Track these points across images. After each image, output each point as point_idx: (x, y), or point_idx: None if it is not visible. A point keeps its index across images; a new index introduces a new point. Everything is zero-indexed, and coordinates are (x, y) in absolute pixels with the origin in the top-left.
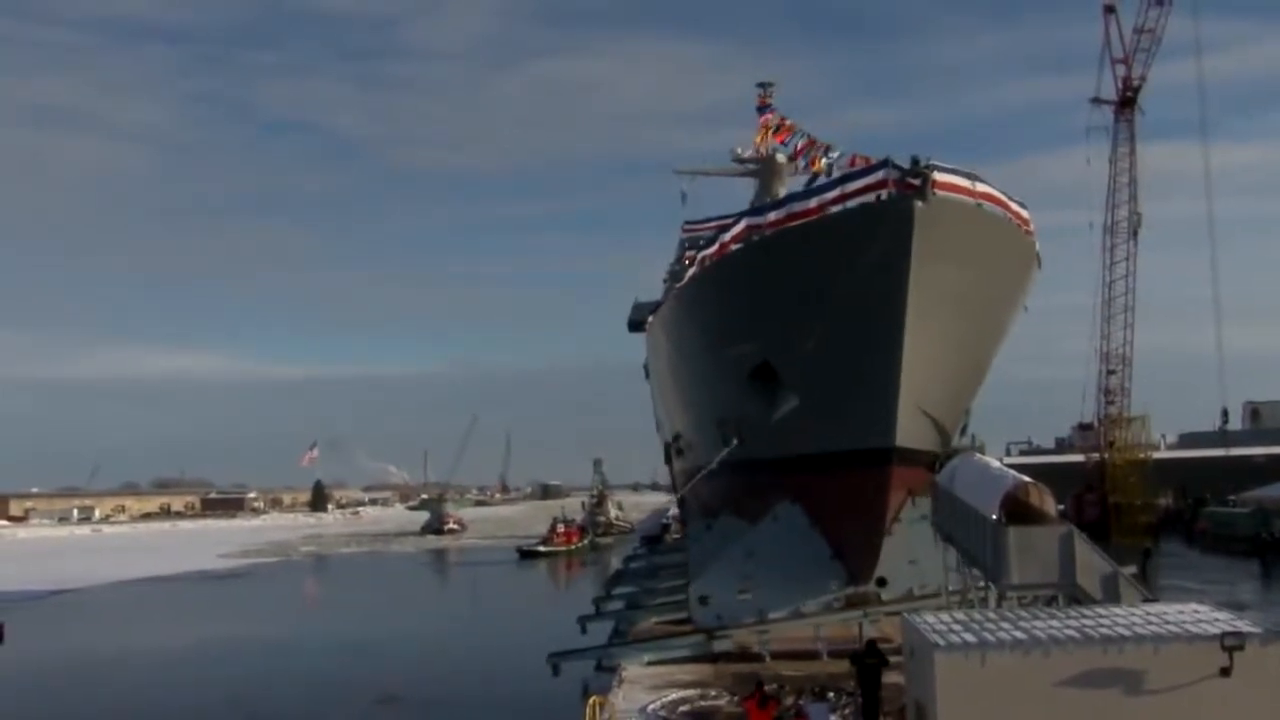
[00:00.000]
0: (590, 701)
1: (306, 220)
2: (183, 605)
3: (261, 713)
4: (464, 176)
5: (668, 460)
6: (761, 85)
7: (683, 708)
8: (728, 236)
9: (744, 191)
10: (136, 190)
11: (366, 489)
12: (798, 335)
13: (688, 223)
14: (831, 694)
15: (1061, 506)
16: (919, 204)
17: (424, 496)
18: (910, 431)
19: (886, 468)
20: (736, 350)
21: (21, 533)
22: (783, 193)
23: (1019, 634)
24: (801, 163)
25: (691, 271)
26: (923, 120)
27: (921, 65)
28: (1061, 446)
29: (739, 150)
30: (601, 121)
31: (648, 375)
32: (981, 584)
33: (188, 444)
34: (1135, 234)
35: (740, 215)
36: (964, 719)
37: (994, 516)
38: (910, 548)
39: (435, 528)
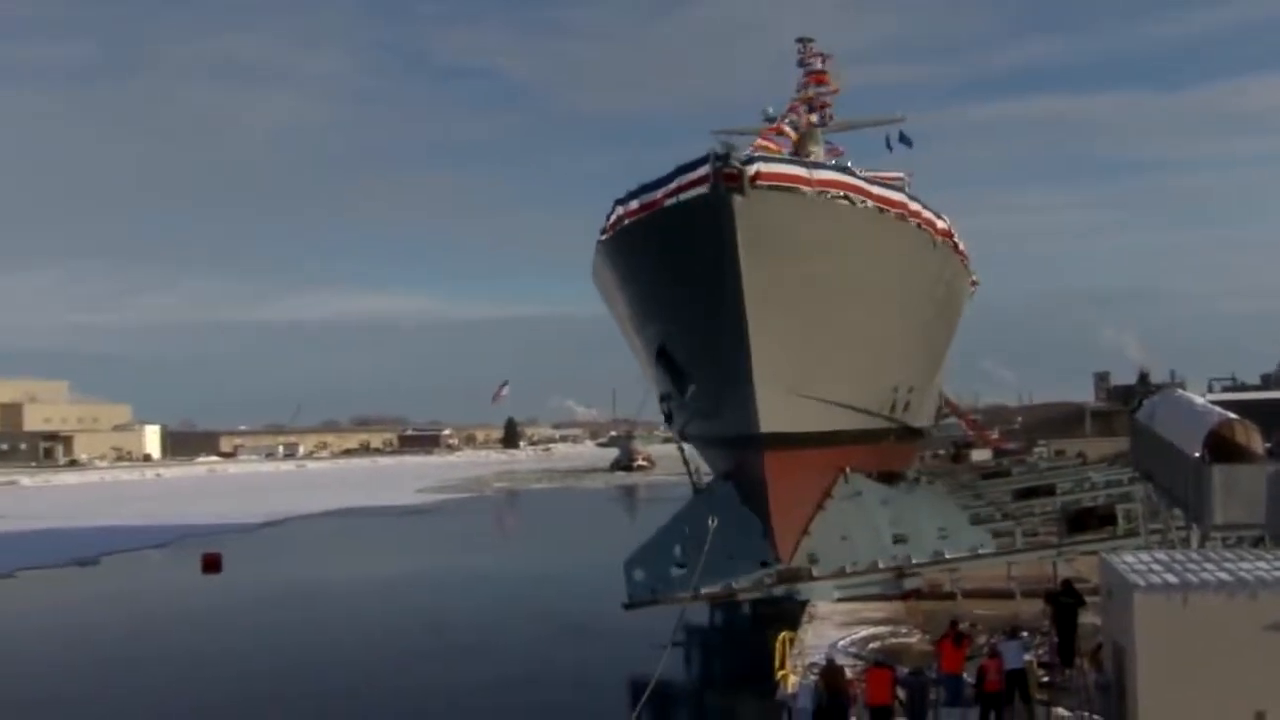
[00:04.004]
0: (780, 637)
1: (487, 164)
2: (383, 537)
3: (460, 641)
4: (631, 118)
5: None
6: (801, 41)
7: (872, 644)
8: (608, 221)
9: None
10: (323, 140)
11: (556, 426)
12: (668, 324)
13: None
14: (1025, 633)
15: (1269, 444)
16: (738, 198)
17: (613, 433)
18: (795, 416)
19: (759, 452)
20: (648, 331)
21: (232, 468)
22: (817, 152)
23: (1224, 575)
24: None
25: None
26: (1100, 49)
27: None
28: (1269, 382)
29: (769, 109)
30: (764, 60)
31: None
32: (1182, 524)
33: (385, 383)
34: None
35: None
36: (1164, 662)
37: (1197, 454)
38: (841, 524)
39: (624, 464)
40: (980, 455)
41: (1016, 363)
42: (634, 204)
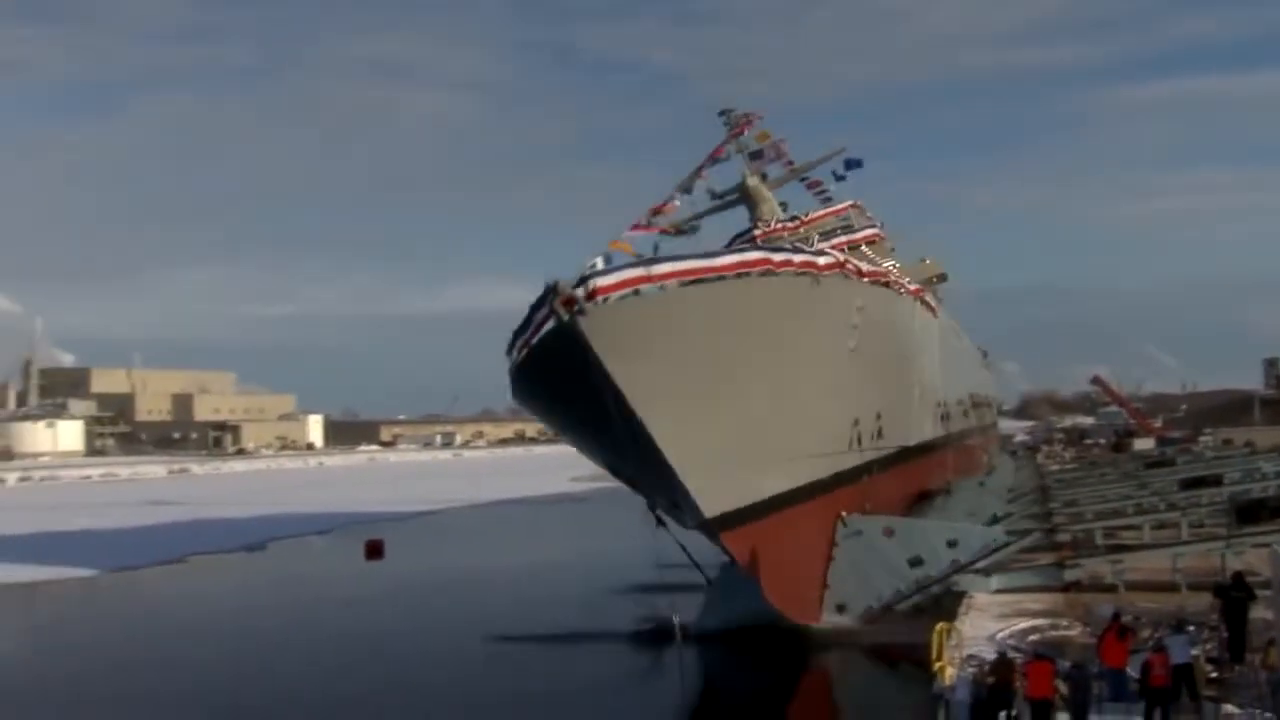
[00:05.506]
0: (938, 628)
1: (637, 154)
2: (539, 525)
3: (613, 628)
4: (781, 107)
5: None
6: (724, 113)
7: (1032, 637)
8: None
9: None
10: (475, 134)
11: None
12: (594, 449)
13: None
14: (1192, 627)
15: None
16: (582, 319)
17: None
18: (738, 491)
19: (717, 536)
20: (586, 452)
21: (392, 457)
22: (769, 207)
23: None
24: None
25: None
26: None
27: None
28: None
29: (714, 187)
30: (915, 45)
31: None
32: None
33: None
34: None
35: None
36: None
37: None
38: (854, 565)
39: None
40: (1143, 444)
41: (1179, 349)
42: (516, 351)
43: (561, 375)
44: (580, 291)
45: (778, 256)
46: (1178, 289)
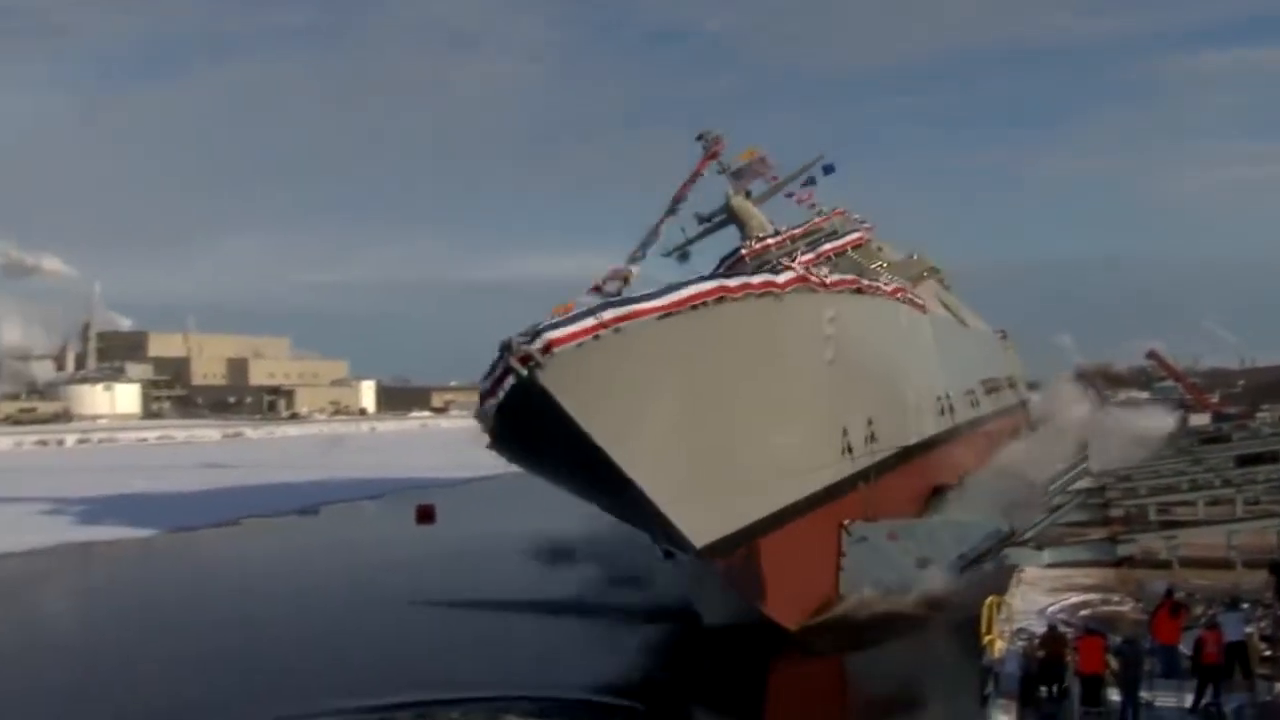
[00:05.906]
0: (988, 601)
1: (689, 126)
2: None
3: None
4: (835, 75)
5: None
6: (701, 137)
7: (1083, 612)
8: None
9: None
10: (531, 103)
11: None
12: (581, 495)
13: None
14: (1246, 605)
15: None
16: (539, 372)
17: None
18: (725, 518)
19: (713, 563)
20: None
21: (444, 423)
22: (757, 222)
23: None
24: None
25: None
26: None
27: None
28: None
29: (701, 212)
30: (975, 9)
31: None
32: None
33: None
34: None
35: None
36: None
37: None
38: (862, 572)
39: None
40: (1199, 419)
41: (1238, 324)
42: (484, 409)
43: (534, 429)
44: (535, 346)
45: (734, 283)
46: (1238, 262)
